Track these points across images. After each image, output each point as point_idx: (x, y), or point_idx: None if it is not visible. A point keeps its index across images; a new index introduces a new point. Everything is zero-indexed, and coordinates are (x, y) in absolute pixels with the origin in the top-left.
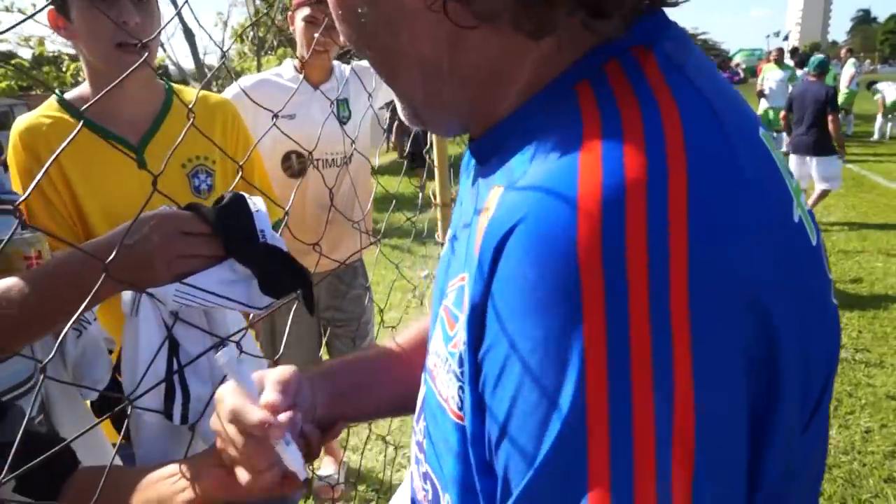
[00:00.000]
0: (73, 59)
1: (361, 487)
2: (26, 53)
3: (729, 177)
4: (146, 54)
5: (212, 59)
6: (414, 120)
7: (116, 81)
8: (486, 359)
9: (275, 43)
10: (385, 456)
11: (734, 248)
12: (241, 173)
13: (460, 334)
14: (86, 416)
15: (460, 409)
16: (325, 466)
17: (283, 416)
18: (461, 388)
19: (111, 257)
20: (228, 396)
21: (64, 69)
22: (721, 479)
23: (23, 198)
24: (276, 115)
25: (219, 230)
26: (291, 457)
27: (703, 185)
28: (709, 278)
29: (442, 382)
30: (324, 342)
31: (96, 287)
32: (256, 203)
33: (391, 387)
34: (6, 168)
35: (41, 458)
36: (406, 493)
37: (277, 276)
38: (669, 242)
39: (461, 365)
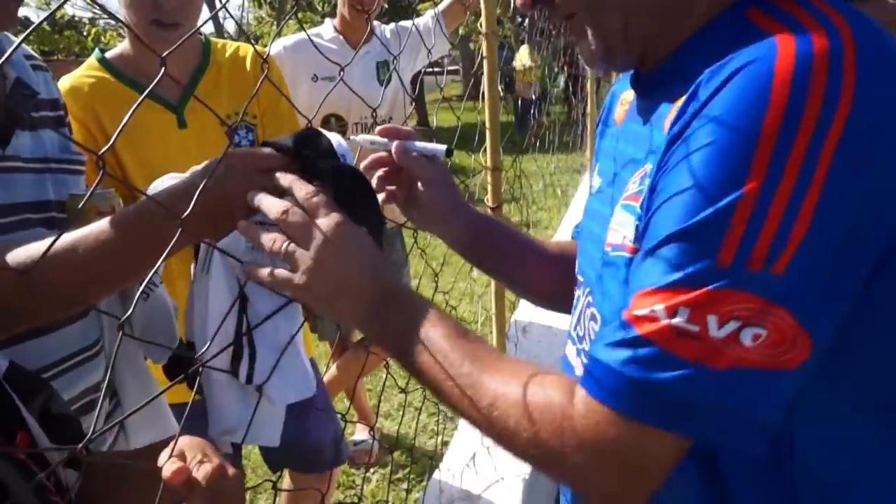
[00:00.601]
0: (93, 23)
1: (395, 453)
2: (39, 18)
3: (886, 63)
4: (182, 32)
5: (229, 24)
6: (602, 59)
7: (167, 52)
8: (672, 154)
9: (294, 6)
10: (418, 423)
11: (885, 114)
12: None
13: (645, 193)
14: (149, 383)
15: (634, 241)
16: (359, 432)
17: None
18: (641, 218)
19: (188, 211)
20: None
21: (85, 34)
22: (816, 280)
23: (103, 150)
24: (342, 69)
25: (294, 154)
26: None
27: (867, 66)
28: (859, 133)
29: (624, 238)
30: None
31: (174, 239)
32: (335, 137)
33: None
34: (71, 131)
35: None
36: None
37: (350, 197)
38: (839, 102)
39: (643, 206)
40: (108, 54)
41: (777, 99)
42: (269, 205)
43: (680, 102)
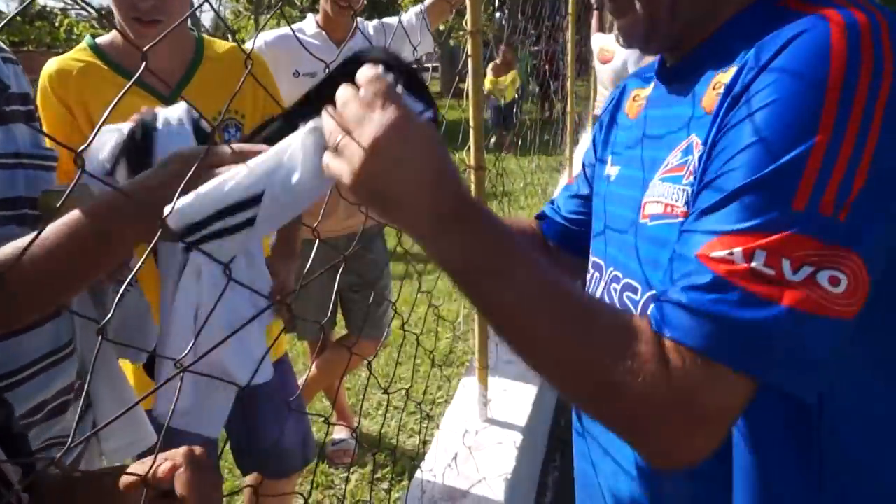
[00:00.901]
0: (65, 14)
1: (376, 454)
2: (8, 8)
3: None
4: (162, 28)
5: (205, 18)
6: (643, 37)
7: (147, 46)
8: (735, 114)
9: (272, 1)
10: (400, 422)
11: None
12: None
13: (693, 162)
14: (122, 385)
15: (686, 203)
16: (339, 432)
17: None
18: (692, 184)
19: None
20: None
21: (57, 24)
22: (872, 217)
23: (82, 148)
24: (328, 66)
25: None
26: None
27: None
28: None
29: (667, 207)
30: (340, 307)
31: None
32: None
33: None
34: (41, 126)
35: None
36: None
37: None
38: (884, 63)
39: (693, 172)
40: (98, 41)
41: (837, 56)
42: (342, 93)
43: (724, 76)
